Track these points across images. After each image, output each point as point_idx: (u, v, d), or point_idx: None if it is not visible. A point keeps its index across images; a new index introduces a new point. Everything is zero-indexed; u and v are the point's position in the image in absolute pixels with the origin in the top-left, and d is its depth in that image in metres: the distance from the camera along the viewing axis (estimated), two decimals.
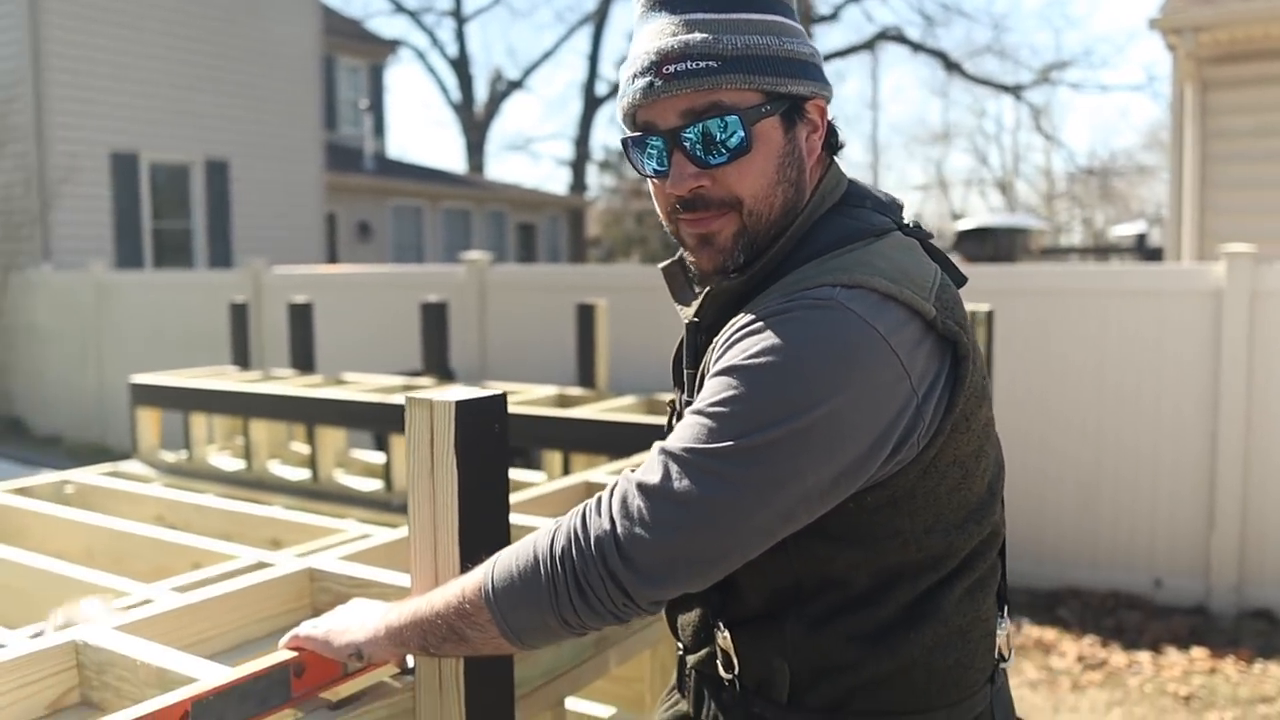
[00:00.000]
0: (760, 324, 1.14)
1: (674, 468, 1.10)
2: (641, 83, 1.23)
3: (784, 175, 1.25)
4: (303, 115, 15.77)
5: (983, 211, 31.54)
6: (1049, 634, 5.08)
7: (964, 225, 20.99)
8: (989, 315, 4.14)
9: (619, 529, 1.11)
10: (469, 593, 1.20)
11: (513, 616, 1.17)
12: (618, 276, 8.77)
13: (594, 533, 1.12)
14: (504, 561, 1.20)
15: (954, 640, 1.23)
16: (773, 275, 1.25)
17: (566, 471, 4.01)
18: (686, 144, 1.22)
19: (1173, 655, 4.80)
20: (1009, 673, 1.41)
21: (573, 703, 2.37)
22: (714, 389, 1.13)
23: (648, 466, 1.13)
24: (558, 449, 4.01)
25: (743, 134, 1.21)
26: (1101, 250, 24.86)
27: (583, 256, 25.48)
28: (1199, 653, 4.80)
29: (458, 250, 19.70)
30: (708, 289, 1.30)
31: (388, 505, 4.31)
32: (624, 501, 1.12)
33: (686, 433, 1.13)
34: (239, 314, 5.67)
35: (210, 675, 1.41)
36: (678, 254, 1.40)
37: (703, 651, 1.33)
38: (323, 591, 1.93)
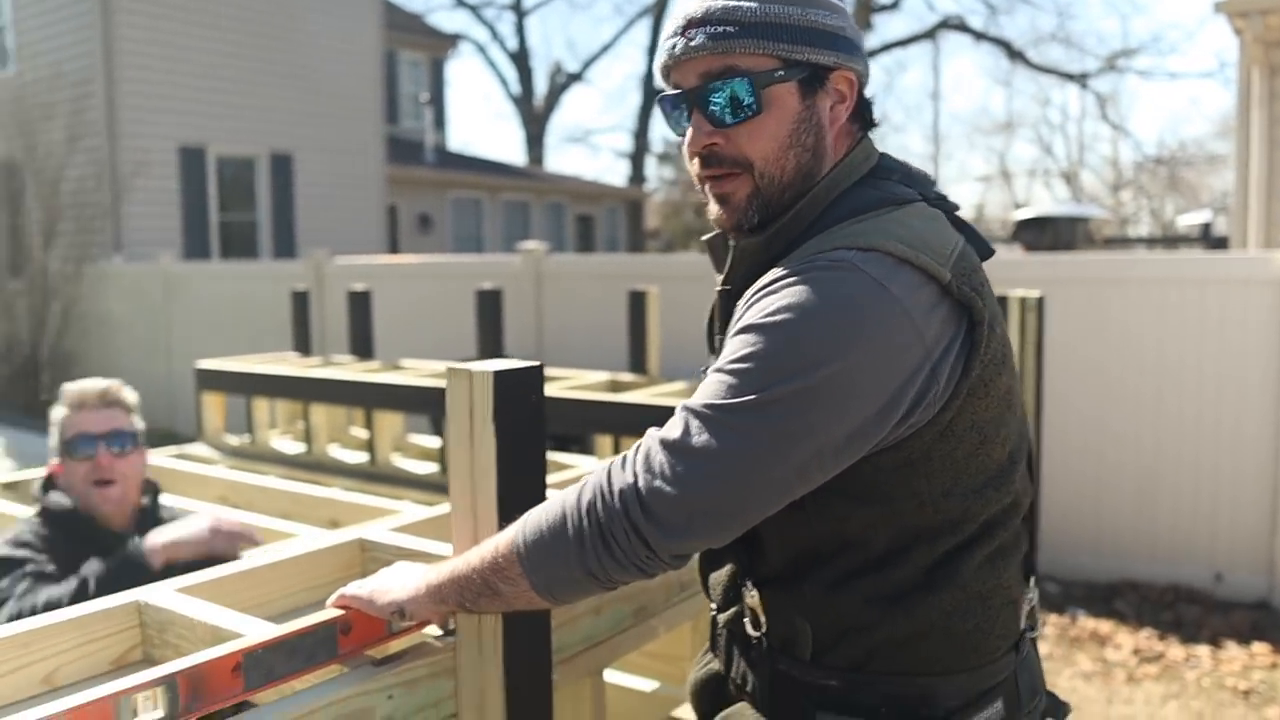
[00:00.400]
0: (777, 285, 1.19)
1: (694, 423, 1.15)
2: (668, 44, 1.32)
3: (798, 140, 1.30)
4: (365, 109, 16.00)
5: (1047, 202, 31.01)
6: (1105, 626, 5.03)
7: (1023, 214, 20.65)
8: (1039, 302, 4.11)
9: (641, 482, 1.15)
10: (501, 548, 1.25)
11: (542, 569, 1.22)
12: (672, 265, 8.80)
13: (618, 486, 1.17)
14: (534, 517, 1.25)
15: (973, 606, 1.25)
16: (796, 242, 1.29)
17: (614, 450, 4.07)
18: (702, 104, 1.30)
19: (1232, 650, 4.74)
20: (1060, 660, 1.43)
21: (615, 676, 2.42)
22: (732, 348, 1.18)
23: (671, 423, 1.18)
24: (609, 433, 4.06)
25: (753, 97, 1.27)
26: (1168, 240, 24.34)
27: (641, 248, 25.53)
28: (1260, 648, 4.72)
29: (517, 242, 19.81)
30: (733, 251, 1.36)
31: (443, 488, 4.40)
32: (647, 456, 1.17)
33: (706, 390, 1.18)
34: (300, 301, 5.80)
35: (261, 631, 1.48)
36: None
37: (732, 610, 1.37)
38: (373, 561, 2.00)
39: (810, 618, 1.27)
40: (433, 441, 4.93)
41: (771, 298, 1.18)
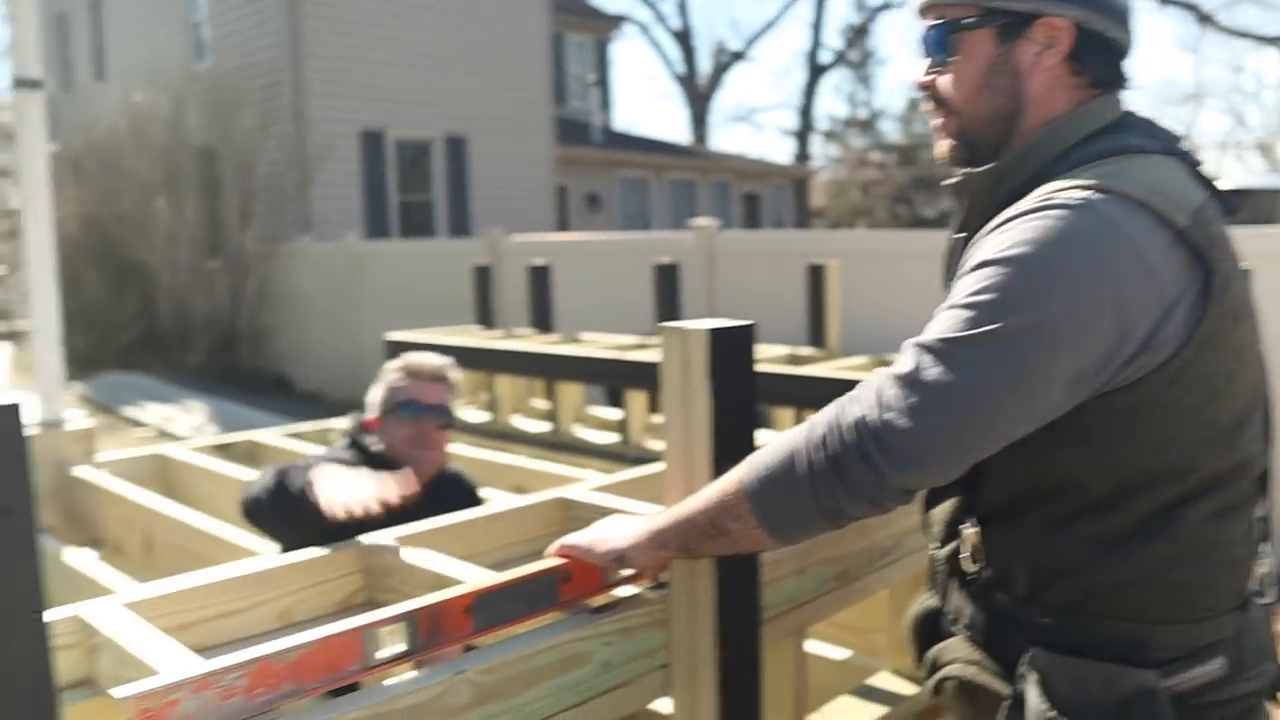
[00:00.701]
0: (1012, 222, 1.21)
1: (925, 358, 1.17)
2: None
3: (990, 83, 1.35)
4: (534, 91, 16.32)
5: (1240, 175, 29.18)
6: None
7: (1219, 187, 19.44)
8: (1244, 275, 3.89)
9: (874, 415, 1.18)
10: (729, 486, 1.29)
11: (772, 505, 1.25)
12: (845, 241, 8.68)
13: (851, 419, 1.19)
14: (761, 454, 1.28)
15: (1192, 559, 1.23)
16: (1026, 187, 1.29)
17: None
18: (920, 45, 1.41)
19: None
20: None
21: (810, 645, 2.43)
22: (964, 285, 1.20)
23: (901, 359, 1.20)
24: (789, 406, 4.05)
25: (948, 41, 1.36)
26: None
27: (807, 227, 25.27)
28: None
29: (683, 220, 19.89)
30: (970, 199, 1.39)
31: (623, 457, 4.48)
32: (878, 391, 1.20)
33: (938, 325, 1.20)
34: (482, 276, 5.99)
35: (480, 577, 1.55)
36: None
37: (951, 545, 1.39)
38: (572, 520, 2.06)
39: (1027, 557, 1.28)
40: (612, 413, 5.02)
41: (1005, 234, 1.20)
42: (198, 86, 13.92)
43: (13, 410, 0.78)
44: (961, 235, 1.39)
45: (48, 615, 0.83)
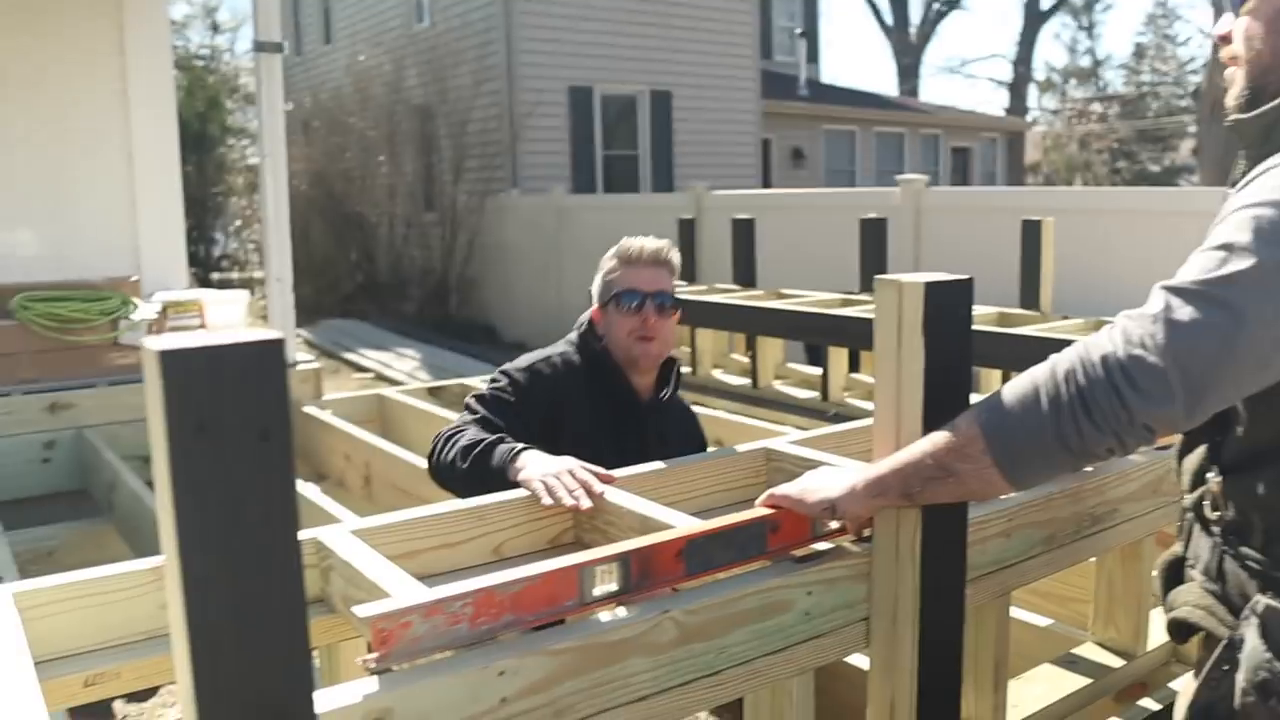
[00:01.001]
0: (1271, 170, 1.19)
1: (1175, 299, 1.16)
2: None
3: (1275, 29, 1.32)
4: (740, 44, 16.19)
5: None
6: None
7: None
8: None
9: (1124, 351, 1.17)
10: (961, 426, 1.29)
11: (1009, 442, 1.24)
12: (1059, 198, 8.28)
13: (1098, 355, 1.19)
14: (997, 396, 1.28)
15: None
16: None
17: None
18: None
19: None
20: None
21: (1012, 611, 2.37)
22: (1218, 231, 1.19)
23: (1149, 301, 1.19)
24: (997, 367, 3.92)
25: None
26: None
27: (1020, 182, 24.20)
28: None
29: (889, 175, 19.41)
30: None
31: (822, 414, 4.45)
32: (1124, 330, 1.18)
33: (1190, 268, 1.18)
34: (686, 230, 6.02)
35: (686, 523, 1.58)
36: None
37: (1197, 493, 1.38)
38: (776, 471, 2.07)
39: (1262, 511, 1.27)
40: (812, 370, 4.98)
41: (1262, 180, 1.18)
42: (417, 47, 14.48)
43: (277, 344, 0.84)
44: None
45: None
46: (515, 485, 1.87)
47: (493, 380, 2.35)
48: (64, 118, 5.70)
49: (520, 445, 2.02)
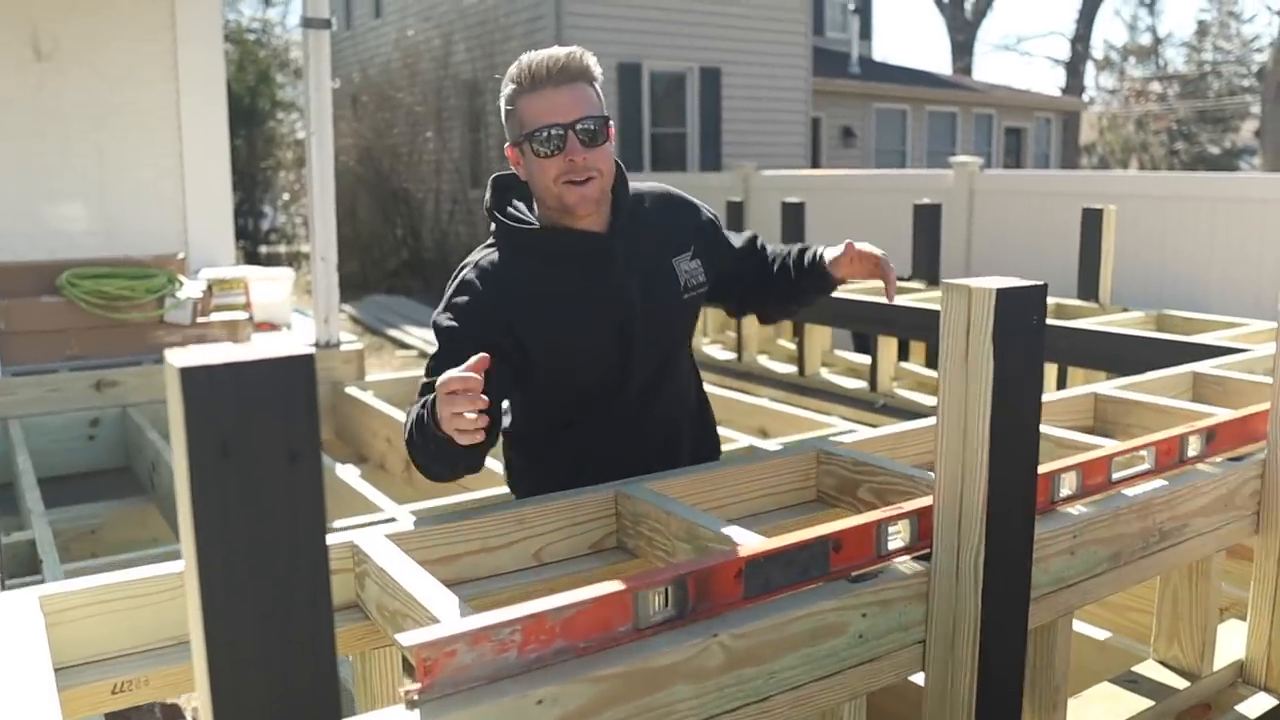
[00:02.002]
0: None
1: None
2: None
3: None
4: (792, 20, 15.95)
5: None
6: None
7: None
8: None
9: None
10: None
11: None
12: (1119, 183, 8.07)
13: None
14: None
15: None
16: None
17: (1061, 386, 3.81)
18: None
19: None
20: None
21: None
22: None
23: None
24: (1053, 361, 3.82)
25: None
26: None
27: (1074, 164, 23.74)
28: None
29: (941, 155, 19.10)
30: None
31: (870, 404, 4.37)
32: None
33: None
34: (735, 213, 5.92)
35: (739, 536, 1.51)
36: None
37: None
38: (828, 474, 1.99)
39: None
40: (860, 358, 4.89)
41: None
42: (466, 21, 14.41)
43: (307, 360, 0.79)
44: None
45: (328, 539, 0.85)
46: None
47: (436, 327, 1.94)
48: (114, 92, 5.72)
49: (429, 395, 1.69)
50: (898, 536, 1.47)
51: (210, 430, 0.77)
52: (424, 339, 11.16)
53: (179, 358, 0.77)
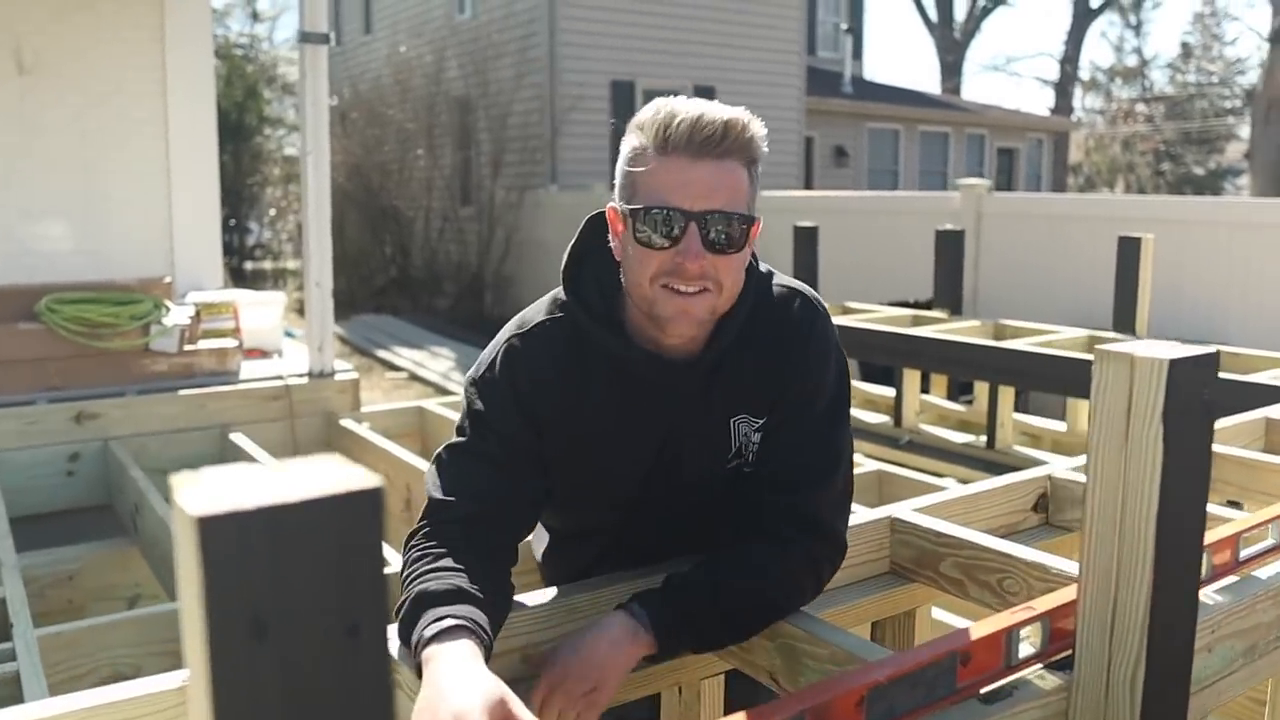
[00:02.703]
0: None
1: None
2: None
3: None
4: (785, 41, 15.84)
5: None
6: None
7: None
8: None
9: None
10: None
11: None
12: (1137, 207, 7.91)
13: None
14: None
15: None
16: None
17: None
18: None
19: None
20: None
21: None
22: None
23: None
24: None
25: None
26: None
27: (1063, 184, 23.69)
28: None
29: (933, 175, 19.01)
30: None
31: (894, 441, 4.15)
32: None
33: None
34: None
35: (839, 641, 1.29)
36: None
37: None
38: (904, 545, 1.77)
39: None
40: (875, 389, 4.67)
41: None
42: (458, 38, 14.22)
43: (374, 498, 0.56)
44: None
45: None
46: None
47: (467, 401, 1.54)
48: (100, 106, 5.48)
49: (440, 624, 1.23)
50: (1027, 641, 1.25)
51: (240, 605, 0.55)
52: (413, 360, 10.92)
53: (192, 498, 0.55)
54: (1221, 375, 3.06)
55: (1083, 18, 30.33)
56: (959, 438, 4.08)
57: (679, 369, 1.48)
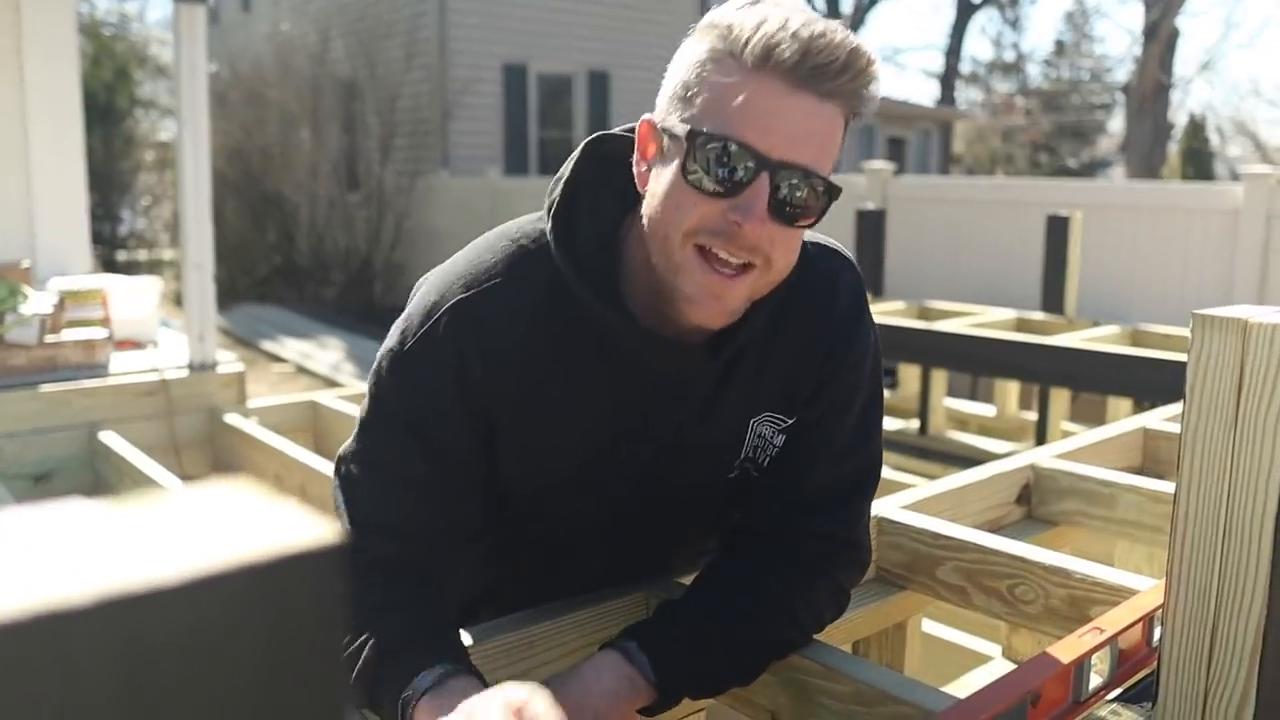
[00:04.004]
0: None
1: None
2: None
3: None
4: (680, 27, 15.54)
5: None
6: None
7: None
8: None
9: None
10: None
11: None
12: (1050, 192, 7.90)
13: None
14: None
15: None
16: None
17: (1043, 411, 3.48)
18: None
19: None
20: None
21: None
22: None
23: None
24: (1031, 381, 3.49)
25: None
26: None
27: (947, 174, 24.13)
28: None
29: None
30: None
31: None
32: None
33: None
34: None
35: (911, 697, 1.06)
36: None
37: None
38: (893, 548, 1.56)
39: None
40: None
41: None
42: (344, 17, 13.69)
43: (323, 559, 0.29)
44: None
45: None
46: None
47: (381, 388, 1.16)
48: None
49: (427, 681, 1.00)
50: (1094, 671, 1.03)
51: None
52: (301, 352, 10.43)
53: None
54: (1173, 356, 2.93)
55: (965, 12, 30.93)
56: (889, 424, 3.93)
57: (693, 357, 1.14)
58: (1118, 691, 1.05)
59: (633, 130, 1.16)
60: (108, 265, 15.13)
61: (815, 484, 1.19)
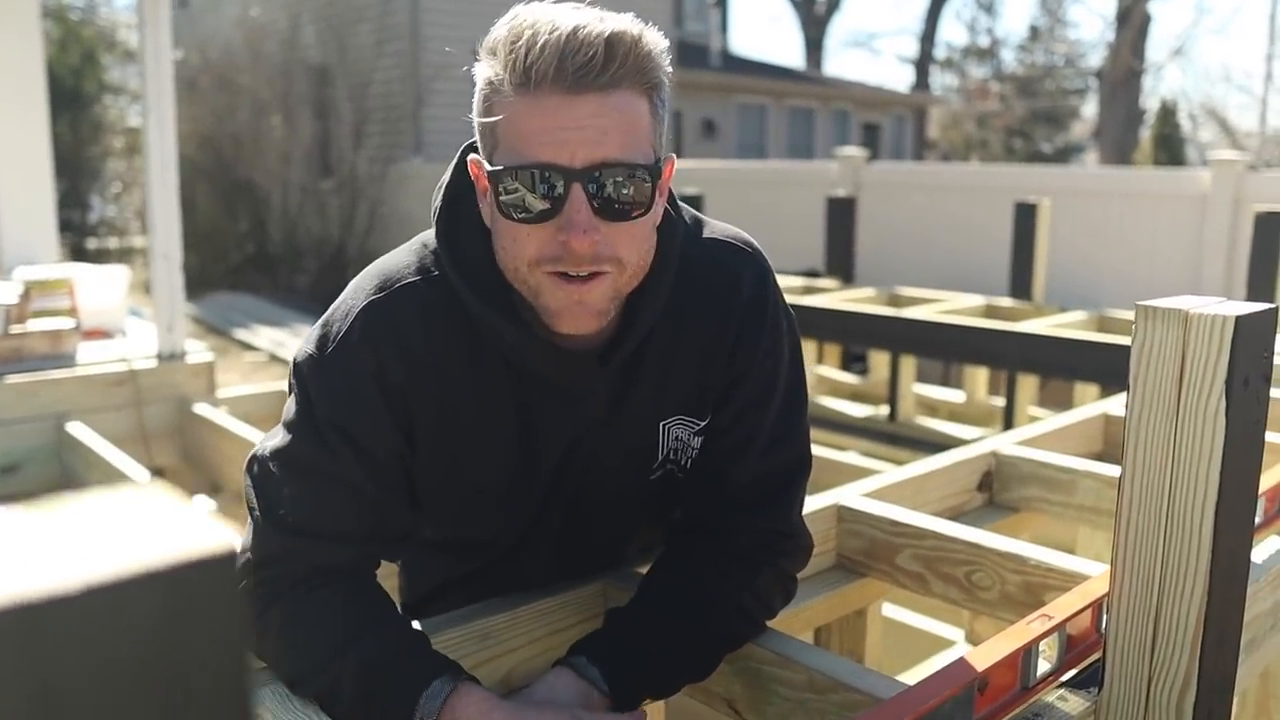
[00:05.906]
0: None
1: None
2: None
3: None
4: (652, 13, 15.58)
5: None
6: None
7: None
8: None
9: None
10: None
11: None
12: (1011, 177, 7.95)
13: None
14: None
15: None
16: None
17: (1010, 396, 3.50)
18: None
19: None
20: None
21: None
22: None
23: None
24: (999, 368, 3.51)
25: None
26: None
27: (921, 159, 24.20)
28: None
29: (801, 150, 19.12)
30: None
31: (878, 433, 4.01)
32: None
33: None
34: None
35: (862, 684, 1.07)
36: None
37: None
38: (853, 535, 1.58)
39: None
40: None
41: None
42: (314, 3, 13.57)
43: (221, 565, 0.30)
44: None
45: None
46: None
47: (304, 389, 1.14)
48: None
49: (436, 702, 1.01)
50: (1043, 657, 1.05)
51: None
52: (274, 340, 10.37)
53: None
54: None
55: None
56: (858, 411, 3.95)
57: (585, 365, 1.13)
58: (1066, 677, 1.07)
59: None
60: (77, 253, 14.98)
61: (745, 479, 1.19)
